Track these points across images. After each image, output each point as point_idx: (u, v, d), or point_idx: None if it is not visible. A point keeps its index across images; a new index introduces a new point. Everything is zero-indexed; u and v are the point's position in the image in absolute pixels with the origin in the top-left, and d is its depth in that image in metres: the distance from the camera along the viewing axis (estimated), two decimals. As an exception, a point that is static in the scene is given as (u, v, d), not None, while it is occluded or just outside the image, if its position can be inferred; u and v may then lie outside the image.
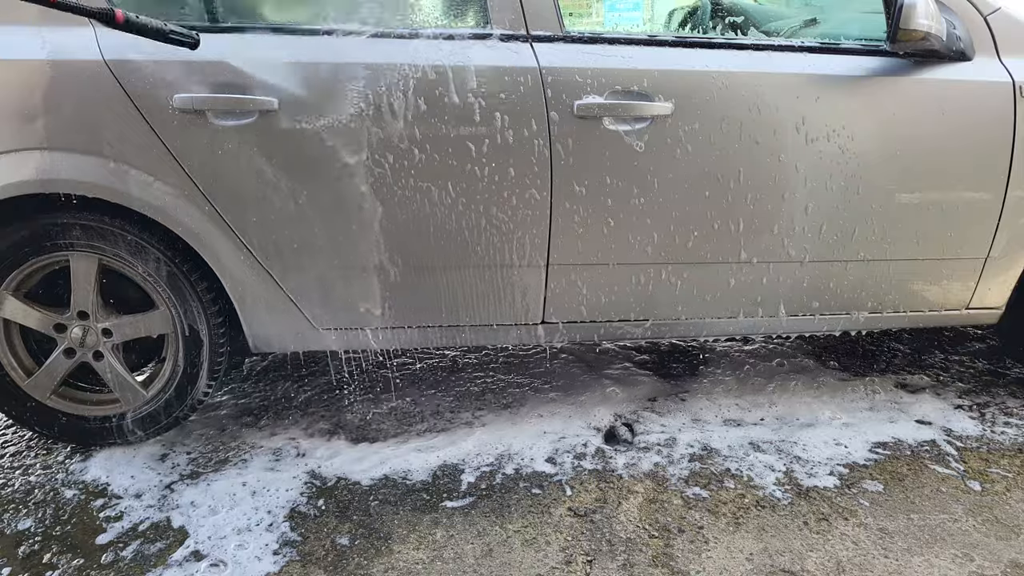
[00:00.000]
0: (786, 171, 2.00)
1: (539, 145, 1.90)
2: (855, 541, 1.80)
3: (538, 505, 1.93)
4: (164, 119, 1.79)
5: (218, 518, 1.87)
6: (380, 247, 1.96)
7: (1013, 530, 1.84)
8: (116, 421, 2.09)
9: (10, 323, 2.01)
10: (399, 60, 1.83)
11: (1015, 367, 2.68)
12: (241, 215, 1.90)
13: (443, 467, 2.08)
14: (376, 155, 1.86)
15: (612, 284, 2.11)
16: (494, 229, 1.98)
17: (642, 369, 2.67)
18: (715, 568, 1.71)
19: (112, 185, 1.83)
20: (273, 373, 2.67)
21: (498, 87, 1.85)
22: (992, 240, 2.16)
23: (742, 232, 2.05)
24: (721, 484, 2.01)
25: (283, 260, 1.96)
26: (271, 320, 2.04)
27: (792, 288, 2.16)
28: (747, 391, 2.52)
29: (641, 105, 1.90)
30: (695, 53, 1.96)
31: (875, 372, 2.67)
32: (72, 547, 1.79)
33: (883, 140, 2.02)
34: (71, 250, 1.91)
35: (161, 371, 2.09)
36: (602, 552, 1.76)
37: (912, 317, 2.29)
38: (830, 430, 2.27)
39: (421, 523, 1.86)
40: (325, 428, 2.29)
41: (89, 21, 1.77)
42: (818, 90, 1.97)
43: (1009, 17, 2.05)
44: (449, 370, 2.68)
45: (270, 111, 1.80)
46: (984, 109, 2.04)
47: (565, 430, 2.26)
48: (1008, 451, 2.18)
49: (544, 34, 1.91)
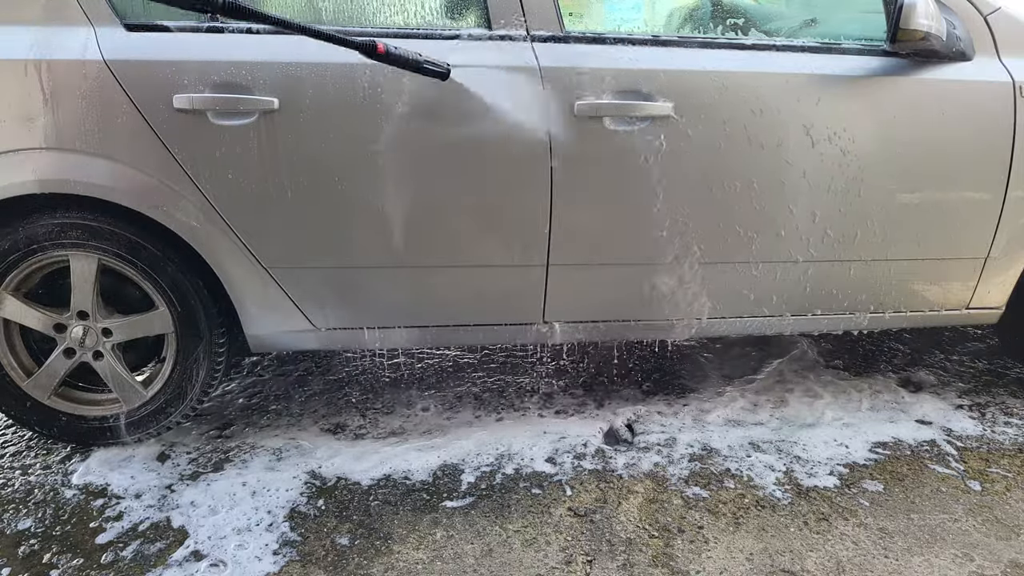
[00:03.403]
0: (787, 172, 2.00)
1: (539, 145, 1.89)
2: (855, 541, 1.80)
3: (538, 505, 1.93)
4: (164, 119, 1.79)
5: (218, 518, 1.87)
6: (380, 247, 1.97)
7: (1013, 530, 1.84)
8: (116, 421, 2.09)
9: (10, 323, 2.01)
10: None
11: (1015, 367, 2.68)
12: (241, 215, 1.90)
13: (443, 467, 2.08)
14: (377, 155, 1.87)
15: (612, 284, 2.10)
16: (494, 229, 1.98)
17: (642, 369, 2.67)
18: (715, 568, 1.71)
19: (112, 185, 1.83)
20: (273, 373, 2.67)
21: (498, 87, 1.85)
22: (992, 240, 2.16)
23: (743, 232, 2.05)
24: (721, 484, 2.01)
25: (283, 260, 1.96)
26: (271, 320, 2.04)
27: (795, 288, 2.16)
28: (747, 391, 2.52)
29: (641, 105, 1.90)
30: (695, 53, 1.96)
31: (875, 372, 2.67)
32: (72, 547, 1.79)
33: (883, 141, 2.02)
34: (71, 250, 1.91)
35: (161, 371, 2.09)
36: (602, 552, 1.76)
37: (912, 317, 2.29)
38: (830, 430, 2.27)
39: (421, 523, 1.86)
40: (325, 428, 2.29)
41: (89, 21, 1.78)
42: (819, 90, 1.97)
43: (1009, 17, 2.05)
44: (449, 370, 2.68)
45: (270, 111, 1.81)
46: (984, 109, 2.04)
47: (565, 430, 2.26)
48: (1008, 451, 2.18)
49: (544, 34, 1.91)
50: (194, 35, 1.82)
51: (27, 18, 1.77)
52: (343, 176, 1.88)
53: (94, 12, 1.79)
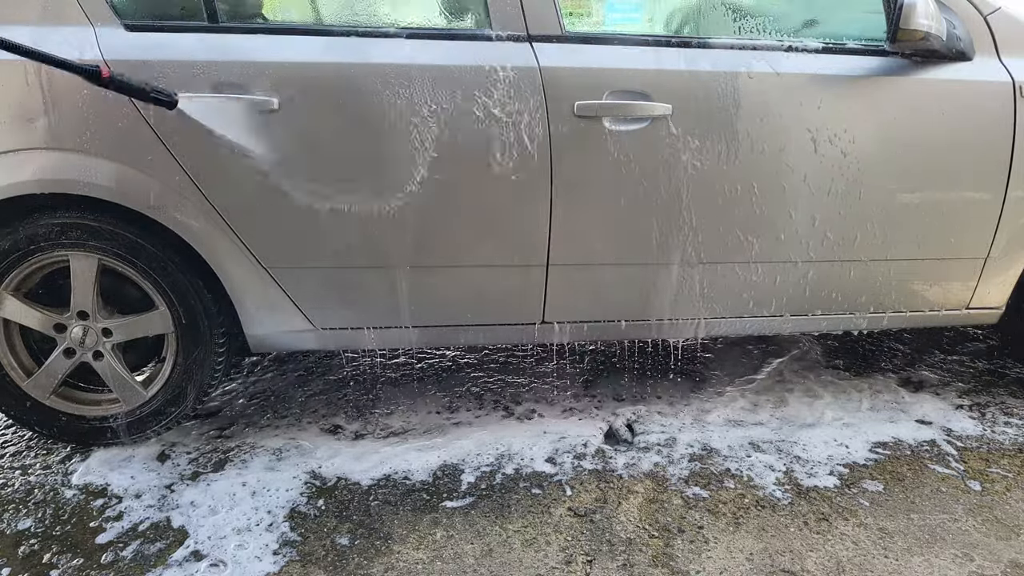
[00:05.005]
0: (787, 172, 2.00)
1: (539, 145, 1.89)
2: (855, 541, 1.80)
3: (538, 505, 1.93)
4: (164, 119, 1.79)
5: (218, 518, 1.87)
6: (379, 247, 1.97)
7: (1013, 530, 1.84)
8: (116, 421, 2.09)
9: (10, 323, 2.01)
10: (395, 60, 1.83)
11: (1015, 367, 2.68)
12: (241, 215, 1.90)
13: (443, 467, 2.08)
14: (378, 155, 1.87)
15: (612, 284, 2.10)
16: (494, 229, 1.98)
17: (642, 369, 2.67)
18: (715, 568, 1.71)
19: (112, 185, 1.83)
20: (273, 373, 2.67)
21: (498, 87, 1.85)
22: (992, 240, 2.16)
23: (743, 232, 2.05)
24: (721, 484, 2.01)
25: (283, 260, 1.96)
26: (270, 320, 2.04)
27: (795, 288, 2.16)
28: (747, 391, 2.52)
29: (641, 105, 1.90)
30: (695, 53, 1.96)
31: (875, 372, 2.67)
32: (72, 547, 1.78)
33: (883, 141, 2.02)
34: (71, 250, 1.91)
35: (161, 371, 2.09)
36: (602, 552, 1.76)
37: (912, 317, 2.29)
38: (830, 430, 2.27)
39: (421, 523, 1.86)
40: (325, 428, 2.29)
41: (89, 21, 1.78)
42: (819, 90, 1.97)
43: (1009, 17, 2.05)
44: (449, 370, 2.68)
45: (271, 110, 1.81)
46: (984, 109, 2.04)
47: (565, 430, 2.26)
48: (1008, 451, 2.18)
49: (544, 34, 1.91)
50: (194, 35, 1.82)
51: (27, 18, 1.77)
52: (343, 176, 1.88)
53: (94, 12, 1.79)
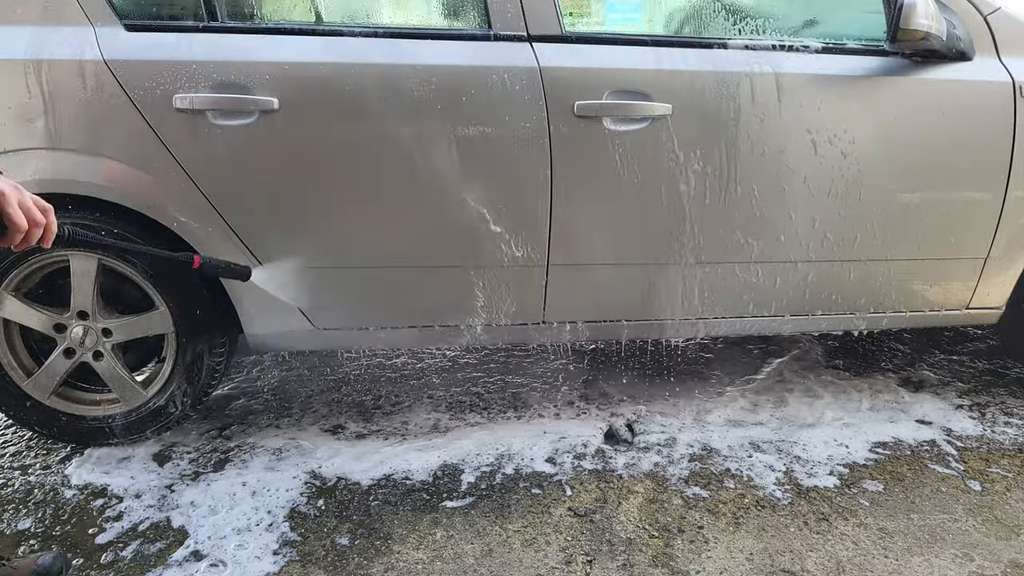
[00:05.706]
0: (787, 172, 2.00)
1: (539, 145, 1.89)
2: (855, 541, 1.80)
3: (538, 505, 1.93)
4: (164, 119, 1.79)
5: (218, 518, 1.87)
6: (379, 247, 1.96)
7: (1013, 530, 1.84)
8: (116, 421, 2.09)
9: (10, 323, 2.01)
10: (395, 61, 1.83)
11: (1015, 367, 2.68)
12: (241, 215, 1.90)
13: (443, 467, 2.08)
14: (378, 155, 1.87)
15: (612, 284, 2.10)
16: (494, 229, 1.98)
17: (642, 369, 2.67)
18: (715, 568, 1.71)
19: (112, 185, 1.83)
20: (273, 373, 2.67)
21: (498, 87, 1.85)
22: (992, 240, 2.16)
23: (743, 232, 2.05)
24: (721, 484, 2.01)
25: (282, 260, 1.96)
26: (270, 320, 2.04)
27: (795, 289, 2.16)
28: (747, 391, 2.52)
29: (640, 105, 1.90)
30: (695, 53, 1.96)
31: (875, 372, 2.67)
32: (72, 547, 1.78)
33: (883, 141, 2.02)
34: (71, 249, 1.91)
35: (161, 371, 2.09)
36: (602, 552, 1.76)
37: (912, 317, 2.29)
38: (830, 430, 2.27)
39: (421, 523, 1.86)
40: (325, 428, 2.29)
41: (89, 21, 1.78)
42: (819, 91, 1.97)
43: (1009, 17, 2.05)
44: (449, 370, 2.68)
45: (271, 110, 1.81)
46: (984, 109, 2.04)
47: (565, 430, 2.26)
48: (1008, 451, 2.18)
49: (544, 34, 1.91)
50: (195, 35, 1.82)
51: (27, 18, 1.77)
52: (342, 176, 1.88)
53: (94, 12, 1.79)
